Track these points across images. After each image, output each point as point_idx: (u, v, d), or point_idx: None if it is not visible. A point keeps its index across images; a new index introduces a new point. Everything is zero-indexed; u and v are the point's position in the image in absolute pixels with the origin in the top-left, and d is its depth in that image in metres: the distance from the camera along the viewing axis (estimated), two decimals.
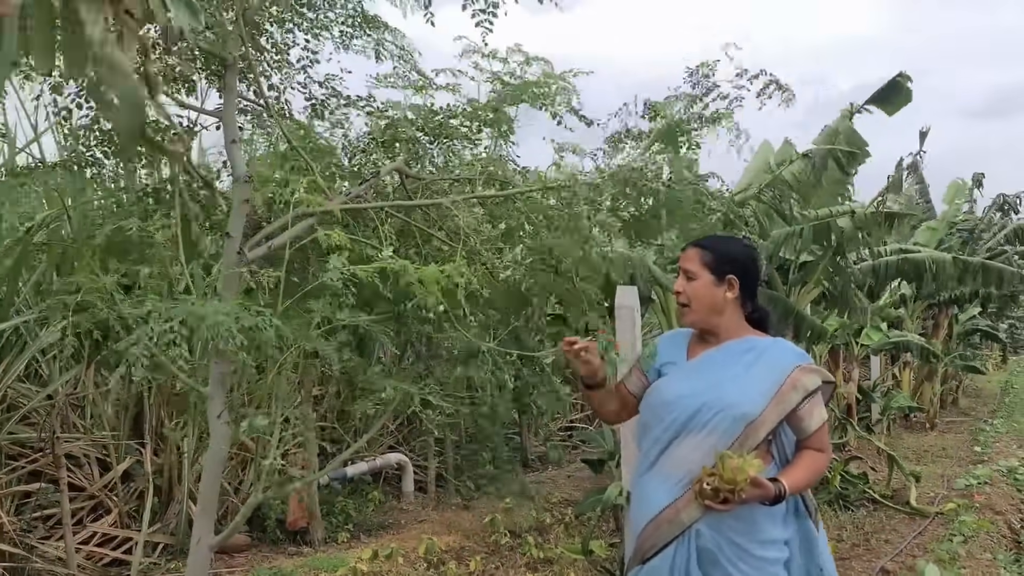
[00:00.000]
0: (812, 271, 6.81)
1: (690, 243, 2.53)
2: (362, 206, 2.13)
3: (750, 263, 2.51)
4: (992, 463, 8.53)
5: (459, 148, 2.40)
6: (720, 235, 3.21)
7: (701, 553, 2.31)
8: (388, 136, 2.29)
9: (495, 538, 5.85)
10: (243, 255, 2.02)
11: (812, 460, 2.38)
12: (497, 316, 1.93)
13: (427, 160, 2.34)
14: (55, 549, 4.88)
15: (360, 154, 2.31)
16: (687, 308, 2.46)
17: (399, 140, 2.26)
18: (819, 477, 2.50)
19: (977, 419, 13.35)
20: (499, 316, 1.93)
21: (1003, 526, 6.26)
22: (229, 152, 2.22)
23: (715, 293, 2.43)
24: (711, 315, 2.45)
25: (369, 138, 2.33)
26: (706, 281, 2.43)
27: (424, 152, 2.32)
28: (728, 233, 3.75)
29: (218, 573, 5.19)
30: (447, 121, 2.25)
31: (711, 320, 2.46)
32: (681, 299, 2.46)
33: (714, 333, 2.47)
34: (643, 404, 2.55)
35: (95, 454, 5.61)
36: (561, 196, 2.24)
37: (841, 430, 8.68)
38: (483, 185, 2.38)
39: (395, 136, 2.28)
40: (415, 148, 2.26)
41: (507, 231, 2.24)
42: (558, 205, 2.21)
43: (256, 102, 2.38)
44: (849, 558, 5.49)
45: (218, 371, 2.11)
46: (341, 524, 6.28)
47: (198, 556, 2.16)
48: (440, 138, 2.25)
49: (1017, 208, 17.08)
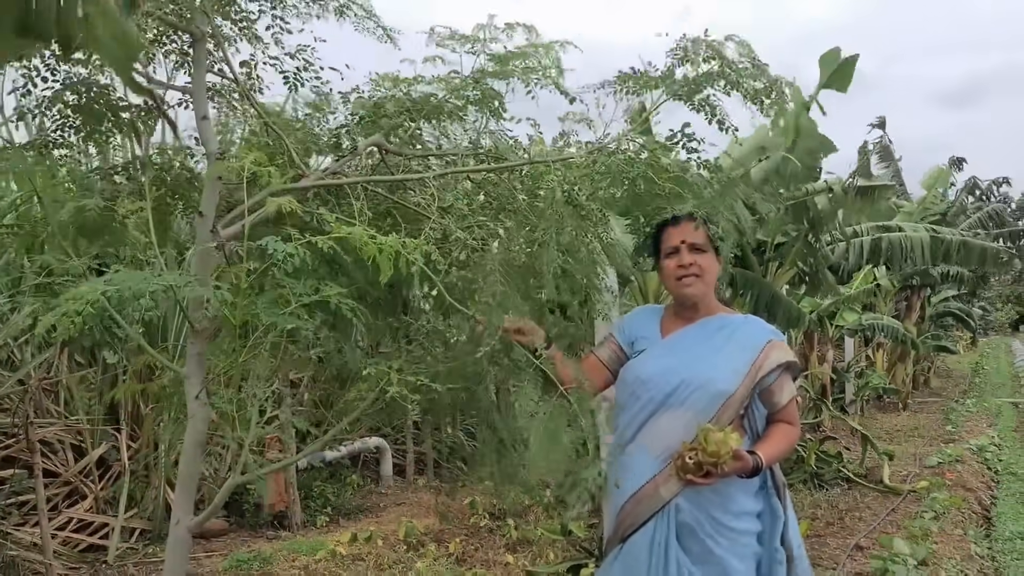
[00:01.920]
0: (787, 252, 6.86)
1: (680, 217, 2.48)
2: (339, 181, 2.10)
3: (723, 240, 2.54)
4: (963, 442, 8.68)
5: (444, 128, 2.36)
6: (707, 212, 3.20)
7: (680, 528, 2.34)
8: (369, 115, 2.25)
9: (474, 520, 5.87)
10: (216, 234, 1.99)
11: (785, 433, 2.42)
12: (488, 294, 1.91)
13: (410, 138, 2.30)
14: (30, 535, 4.83)
15: (341, 129, 2.26)
16: (697, 279, 2.43)
17: (381, 119, 2.22)
18: (792, 449, 2.54)
19: (948, 399, 13.58)
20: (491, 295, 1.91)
21: (973, 503, 6.38)
22: (200, 129, 2.18)
23: (716, 269, 2.48)
24: (709, 289, 2.48)
25: (351, 116, 2.28)
26: (712, 256, 2.46)
27: (406, 131, 2.28)
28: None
29: (196, 557, 5.17)
30: (430, 98, 2.21)
31: (708, 294, 2.48)
32: (693, 270, 2.42)
33: (697, 309, 2.49)
34: (618, 383, 2.57)
35: (70, 440, 5.55)
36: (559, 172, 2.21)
37: (816, 410, 8.79)
38: (474, 160, 2.35)
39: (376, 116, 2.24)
40: (398, 127, 2.22)
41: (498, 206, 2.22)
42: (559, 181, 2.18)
43: (226, 76, 2.33)
44: (824, 535, 5.57)
45: (195, 351, 2.08)
46: (320, 508, 6.28)
47: (177, 537, 2.14)
48: (424, 116, 2.21)
49: (990, 194, 17.35)
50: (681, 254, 2.44)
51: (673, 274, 2.46)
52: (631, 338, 2.57)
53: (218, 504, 2.21)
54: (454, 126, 2.34)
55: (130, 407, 5.61)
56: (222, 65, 2.35)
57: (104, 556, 5.06)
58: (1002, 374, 18.45)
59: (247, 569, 4.89)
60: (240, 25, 2.33)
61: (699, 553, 2.34)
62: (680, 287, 2.46)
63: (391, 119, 2.19)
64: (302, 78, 2.31)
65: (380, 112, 2.21)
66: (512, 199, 2.27)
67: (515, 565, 4.92)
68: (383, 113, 2.20)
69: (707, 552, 2.33)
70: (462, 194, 2.21)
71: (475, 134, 2.38)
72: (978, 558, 5.01)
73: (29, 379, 4.92)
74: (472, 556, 5.15)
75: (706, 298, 2.48)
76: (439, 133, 2.38)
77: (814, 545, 5.31)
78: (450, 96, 2.22)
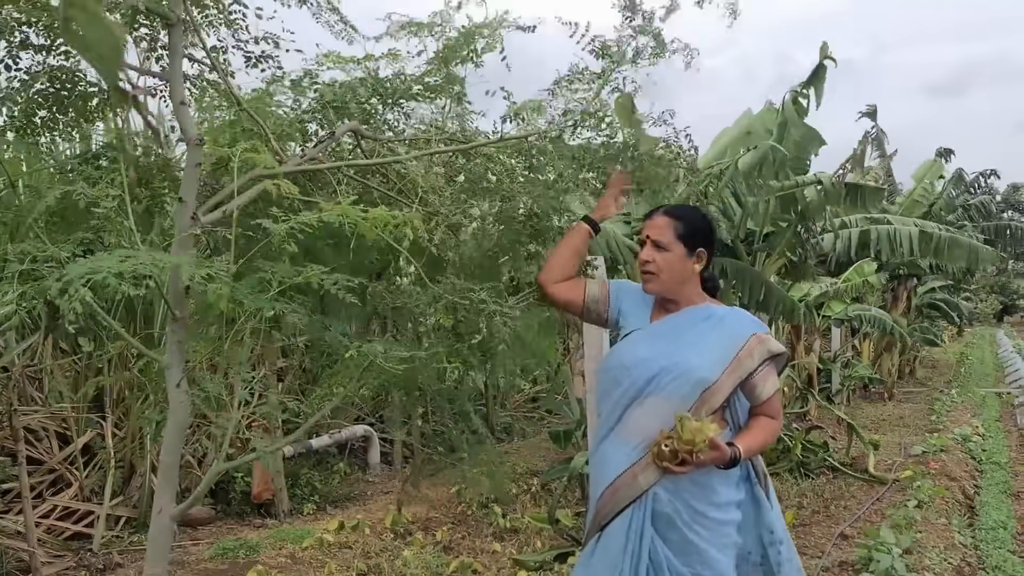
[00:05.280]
0: (777, 241, 6.87)
1: (658, 210, 2.50)
2: (317, 167, 2.08)
3: (712, 235, 2.53)
4: (947, 432, 8.74)
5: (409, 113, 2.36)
6: (686, 205, 3.20)
7: (659, 516, 2.33)
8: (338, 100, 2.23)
9: (462, 508, 5.87)
10: (197, 220, 1.97)
11: (765, 426, 2.42)
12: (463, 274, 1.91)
13: (381, 122, 2.29)
14: (14, 523, 4.80)
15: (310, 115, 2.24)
16: (653, 277, 2.44)
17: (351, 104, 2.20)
18: (771, 442, 2.54)
19: (933, 389, 13.67)
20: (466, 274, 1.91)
21: (957, 492, 6.43)
22: (178, 114, 2.15)
23: (686, 266, 2.44)
24: (676, 285, 2.46)
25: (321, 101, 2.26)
26: (679, 254, 2.43)
27: (377, 115, 2.27)
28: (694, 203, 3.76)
29: (183, 545, 5.16)
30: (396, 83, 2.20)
31: (675, 289, 2.47)
32: (650, 267, 2.43)
33: (675, 301, 2.49)
34: (602, 369, 2.57)
35: (54, 427, 5.52)
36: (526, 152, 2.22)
37: (802, 400, 8.83)
38: (443, 143, 2.34)
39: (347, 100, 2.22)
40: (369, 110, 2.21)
41: (469, 184, 2.22)
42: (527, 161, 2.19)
43: (201, 61, 2.30)
44: (809, 524, 5.60)
45: (176, 338, 2.06)
46: (306, 496, 6.27)
47: (160, 526, 2.12)
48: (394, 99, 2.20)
49: (977, 187, 17.40)
50: (644, 249, 2.45)
51: (639, 267, 2.50)
52: (620, 307, 2.58)
53: (202, 492, 2.20)
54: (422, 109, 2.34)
55: (115, 395, 5.58)
56: (197, 51, 2.32)
57: (89, 544, 5.03)
58: (987, 364, 18.59)
59: (233, 557, 4.87)
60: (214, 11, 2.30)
61: (678, 542, 2.34)
62: (642, 282, 2.49)
63: (361, 104, 2.18)
64: (265, 60, 2.29)
65: (350, 96, 2.20)
66: (482, 179, 2.27)
67: (502, 553, 4.92)
68: (354, 98, 2.19)
69: (686, 542, 2.33)
70: (441, 175, 2.21)
71: (440, 117, 2.38)
72: (961, 547, 5.05)
73: (12, 366, 4.88)
74: (459, 544, 5.16)
75: (672, 293, 2.48)
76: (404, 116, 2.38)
77: (800, 534, 5.34)
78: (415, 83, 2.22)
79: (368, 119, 2.23)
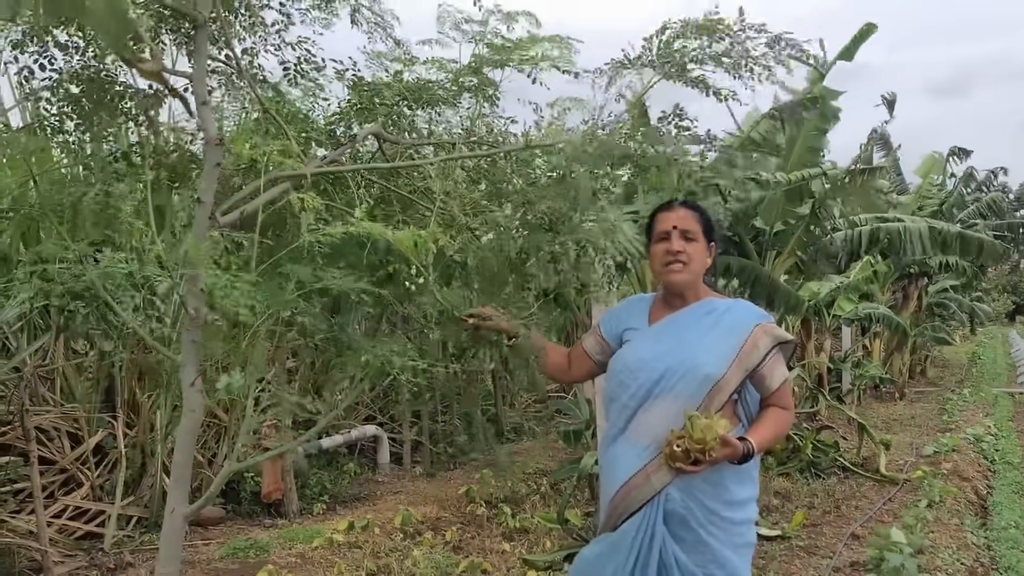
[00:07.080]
0: (786, 240, 6.84)
1: (673, 202, 2.50)
2: (338, 169, 2.08)
3: (718, 231, 2.54)
4: (959, 431, 8.69)
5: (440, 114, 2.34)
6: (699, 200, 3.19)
7: (671, 516, 2.32)
8: (366, 102, 2.23)
9: (471, 508, 5.87)
10: (215, 220, 1.98)
11: (777, 417, 2.39)
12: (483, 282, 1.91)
13: (407, 126, 2.28)
14: (26, 523, 4.82)
15: (336, 118, 2.25)
16: (684, 267, 2.41)
17: (378, 106, 2.21)
18: (785, 434, 2.53)
19: (945, 389, 13.59)
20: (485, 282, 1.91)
21: (970, 492, 6.39)
22: (200, 114, 2.15)
23: (706, 257, 2.46)
24: (698, 277, 2.46)
25: (347, 103, 2.26)
26: (703, 244, 2.44)
27: (403, 118, 2.27)
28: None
29: (193, 545, 5.17)
30: (427, 86, 2.19)
31: (695, 282, 2.46)
32: (681, 257, 2.40)
33: (684, 296, 2.47)
34: (608, 374, 2.55)
35: (66, 427, 5.54)
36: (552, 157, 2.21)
37: (813, 400, 8.79)
38: (467, 147, 2.34)
39: (373, 102, 2.22)
40: (394, 113, 2.21)
41: (494, 191, 2.21)
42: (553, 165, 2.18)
43: (228, 63, 2.30)
44: (820, 524, 5.58)
45: (190, 338, 2.07)
46: (316, 496, 6.28)
47: (172, 526, 2.13)
48: (421, 103, 2.19)
49: (988, 185, 17.30)
50: (671, 240, 2.42)
51: (661, 260, 2.44)
52: (619, 329, 2.56)
53: (214, 492, 2.20)
54: (448, 113, 2.33)
55: (127, 394, 5.60)
56: (226, 52, 2.32)
57: (100, 544, 5.05)
58: (999, 364, 18.47)
59: (243, 557, 4.89)
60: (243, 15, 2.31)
61: (692, 542, 2.32)
62: (667, 273, 2.44)
63: (388, 106, 2.18)
64: (302, 69, 2.29)
65: (377, 98, 2.20)
66: (507, 184, 2.26)
67: (511, 553, 4.92)
68: (381, 100, 2.19)
69: (699, 542, 2.32)
70: (463, 180, 2.21)
71: (469, 121, 2.37)
72: (974, 547, 5.02)
73: (24, 366, 4.90)
74: (469, 544, 5.16)
75: (693, 286, 2.46)
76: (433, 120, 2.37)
77: (810, 534, 5.32)
78: (450, 83, 2.21)
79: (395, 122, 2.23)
